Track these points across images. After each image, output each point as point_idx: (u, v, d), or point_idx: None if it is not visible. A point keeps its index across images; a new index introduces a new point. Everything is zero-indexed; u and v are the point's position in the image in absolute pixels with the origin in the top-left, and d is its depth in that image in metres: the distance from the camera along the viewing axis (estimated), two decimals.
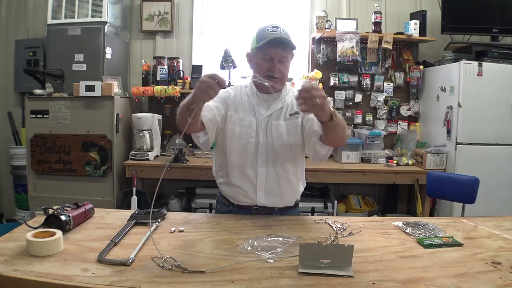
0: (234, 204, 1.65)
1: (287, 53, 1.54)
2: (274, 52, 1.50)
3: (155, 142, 3.25)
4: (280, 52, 1.51)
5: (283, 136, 1.58)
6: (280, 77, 1.56)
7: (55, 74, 3.12)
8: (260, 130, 1.58)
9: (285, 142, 1.58)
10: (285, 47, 1.51)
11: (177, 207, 3.36)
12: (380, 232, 1.40)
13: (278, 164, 1.59)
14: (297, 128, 1.60)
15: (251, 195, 1.59)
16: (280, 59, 1.53)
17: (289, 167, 1.61)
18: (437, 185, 2.45)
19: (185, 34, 3.67)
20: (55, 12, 3.17)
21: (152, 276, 1.00)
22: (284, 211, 1.65)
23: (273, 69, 1.52)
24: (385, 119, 3.62)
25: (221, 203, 1.71)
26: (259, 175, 1.58)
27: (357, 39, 3.35)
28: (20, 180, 3.44)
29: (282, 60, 1.53)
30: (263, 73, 1.53)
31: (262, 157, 1.58)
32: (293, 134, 1.59)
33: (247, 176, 1.58)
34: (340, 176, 3.09)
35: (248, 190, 1.59)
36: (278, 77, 1.54)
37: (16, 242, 1.18)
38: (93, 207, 1.51)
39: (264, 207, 1.61)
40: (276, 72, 1.53)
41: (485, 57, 3.06)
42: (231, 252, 1.18)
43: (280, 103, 1.61)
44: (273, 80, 1.54)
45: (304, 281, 1.00)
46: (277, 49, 1.50)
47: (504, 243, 1.30)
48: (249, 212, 1.61)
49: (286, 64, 1.56)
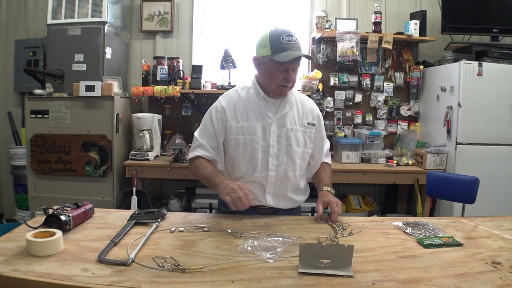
0: None
1: (299, 63, 1.56)
2: (290, 65, 1.51)
3: (155, 142, 3.25)
4: (296, 64, 1.53)
5: (300, 142, 1.60)
6: (291, 85, 1.57)
7: (55, 74, 3.12)
8: (270, 133, 1.57)
9: (302, 149, 1.61)
10: (299, 59, 1.53)
11: (177, 207, 3.36)
12: (380, 232, 1.39)
13: (290, 169, 1.59)
14: (311, 138, 1.65)
15: (260, 197, 1.60)
16: (294, 69, 1.54)
17: (299, 172, 1.63)
18: (437, 185, 2.45)
19: (185, 34, 3.67)
20: (55, 12, 3.17)
21: (152, 276, 1.00)
22: (289, 211, 1.68)
23: (288, 79, 1.53)
24: (385, 119, 3.62)
25: (224, 203, 1.69)
26: (269, 178, 1.58)
27: (357, 39, 3.35)
28: (20, 180, 3.45)
29: (295, 69, 1.55)
30: (276, 83, 1.54)
31: (273, 160, 1.58)
32: (308, 143, 1.63)
33: (256, 180, 1.59)
34: (340, 176, 3.09)
35: (257, 193, 1.59)
36: (288, 85, 1.56)
37: (16, 242, 1.18)
38: (93, 207, 1.51)
39: (271, 207, 1.62)
40: (290, 82, 1.55)
41: (485, 57, 3.06)
42: (231, 252, 1.18)
43: (288, 106, 1.62)
44: (285, 89, 1.57)
45: (304, 281, 1.00)
46: (294, 61, 1.51)
47: (504, 243, 1.30)
48: (255, 211, 1.61)
49: (297, 70, 1.58)
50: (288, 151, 1.58)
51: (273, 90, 1.57)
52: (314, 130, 1.66)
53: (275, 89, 1.56)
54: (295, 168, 1.61)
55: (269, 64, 1.53)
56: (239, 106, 1.61)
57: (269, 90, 1.59)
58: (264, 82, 1.59)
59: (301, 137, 1.61)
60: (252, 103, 1.61)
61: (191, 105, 3.58)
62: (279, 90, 1.56)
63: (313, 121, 1.66)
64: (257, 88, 1.62)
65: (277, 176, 1.58)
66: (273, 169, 1.58)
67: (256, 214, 1.59)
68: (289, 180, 1.61)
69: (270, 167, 1.57)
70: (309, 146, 1.64)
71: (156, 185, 3.68)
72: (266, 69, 1.55)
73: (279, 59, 1.46)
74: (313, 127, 1.65)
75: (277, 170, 1.58)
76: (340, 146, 3.27)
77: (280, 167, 1.58)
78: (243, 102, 1.61)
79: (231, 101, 1.63)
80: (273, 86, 1.56)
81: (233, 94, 1.66)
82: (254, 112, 1.59)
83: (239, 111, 1.60)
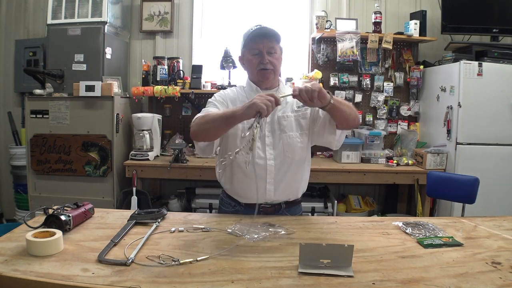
0: (241, 204, 1.64)
1: (274, 44, 1.57)
2: (261, 45, 1.54)
3: (155, 142, 3.25)
4: (267, 43, 1.55)
5: (292, 127, 1.59)
6: (272, 68, 1.58)
7: (55, 74, 3.12)
8: (265, 124, 1.56)
9: (295, 133, 1.59)
10: (270, 38, 1.55)
11: (177, 207, 3.36)
12: (380, 232, 1.39)
13: (288, 156, 1.58)
14: (306, 120, 1.62)
15: (261, 190, 1.57)
16: (269, 51, 1.56)
17: (297, 158, 1.61)
18: (437, 185, 2.45)
19: (185, 34, 3.67)
20: (55, 12, 3.17)
21: (152, 276, 1.00)
22: (290, 207, 1.66)
23: (263, 60, 1.55)
24: (385, 119, 3.62)
25: (226, 203, 1.70)
26: (268, 168, 1.57)
27: (357, 39, 3.35)
28: (20, 180, 3.45)
29: (271, 51, 1.56)
30: (255, 68, 1.58)
31: (270, 149, 1.58)
32: (303, 125, 1.61)
33: (255, 171, 1.56)
34: (340, 176, 3.09)
35: (258, 185, 1.56)
36: (269, 68, 1.57)
37: (16, 242, 1.19)
38: (93, 207, 1.51)
39: (272, 205, 1.61)
40: (266, 63, 1.55)
41: (485, 57, 3.06)
42: (231, 252, 1.18)
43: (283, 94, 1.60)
44: (266, 72, 1.57)
45: (304, 281, 1.00)
46: (263, 40, 1.54)
47: (504, 243, 1.30)
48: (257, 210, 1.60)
49: (276, 55, 1.58)
50: (282, 138, 1.58)
51: (257, 78, 1.61)
52: (308, 111, 1.62)
53: (257, 76, 1.60)
54: (294, 152, 1.59)
55: (245, 54, 1.61)
56: (236, 100, 1.64)
57: (255, 80, 1.63)
58: (249, 74, 1.65)
59: (293, 121, 1.60)
60: (247, 97, 1.62)
61: (191, 105, 3.58)
62: (261, 75, 1.59)
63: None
64: (250, 84, 1.66)
65: (276, 164, 1.57)
66: (271, 158, 1.57)
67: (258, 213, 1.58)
68: (289, 167, 1.59)
69: (268, 156, 1.57)
70: (303, 127, 1.61)
71: (156, 185, 3.68)
72: (245, 60, 1.62)
73: (247, 42, 1.56)
74: (305, 107, 1.62)
75: (275, 158, 1.57)
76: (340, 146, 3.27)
77: (278, 156, 1.58)
78: (238, 97, 1.65)
79: (227, 95, 1.67)
80: (255, 74, 1.60)
81: (228, 91, 1.71)
82: None
83: (234, 104, 1.62)
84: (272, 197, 1.60)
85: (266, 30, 1.54)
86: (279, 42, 1.59)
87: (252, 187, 1.56)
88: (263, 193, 1.58)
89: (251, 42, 1.56)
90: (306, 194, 3.38)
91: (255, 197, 1.58)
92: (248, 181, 1.57)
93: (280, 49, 1.62)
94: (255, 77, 1.62)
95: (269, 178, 1.58)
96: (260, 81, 1.62)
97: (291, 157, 1.59)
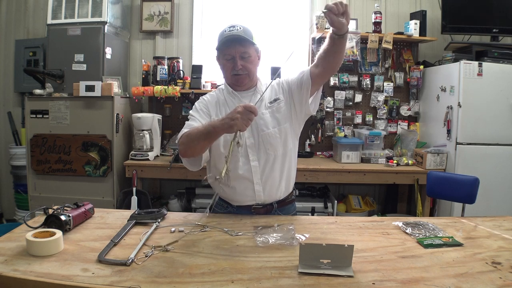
0: (233, 206, 1.65)
1: (247, 49, 1.55)
2: (233, 50, 1.53)
3: (155, 142, 3.25)
4: (239, 48, 1.53)
5: (268, 124, 1.58)
6: (246, 73, 1.57)
7: (55, 74, 3.12)
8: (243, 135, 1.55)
9: (272, 130, 1.57)
10: (242, 43, 1.53)
11: (177, 207, 3.36)
12: (380, 232, 1.40)
13: (271, 154, 1.58)
14: (282, 113, 1.60)
15: (249, 192, 1.58)
16: (242, 55, 1.54)
17: (280, 153, 1.60)
18: (437, 185, 2.45)
19: (185, 34, 3.67)
20: (55, 12, 3.17)
21: (152, 276, 1.00)
22: (283, 206, 1.66)
23: (235, 66, 1.55)
24: (385, 119, 3.62)
25: (218, 205, 1.70)
26: (253, 169, 1.57)
27: (357, 39, 3.35)
28: (20, 180, 3.45)
29: (244, 56, 1.55)
30: (229, 73, 1.58)
31: (252, 151, 1.57)
32: (280, 119, 1.59)
33: (242, 174, 1.57)
34: (340, 176, 3.09)
35: (247, 188, 1.58)
36: (242, 74, 1.56)
37: (16, 242, 1.19)
38: (93, 207, 1.51)
39: (263, 205, 1.61)
40: (238, 68, 1.55)
41: (485, 57, 3.06)
42: (231, 252, 1.18)
43: (259, 95, 1.59)
44: (240, 77, 1.57)
45: (304, 281, 1.00)
46: (236, 46, 1.52)
47: (504, 243, 1.30)
48: (248, 212, 1.60)
49: (250, 59, 1.57)
50: (261, 136, 1.57)
51: (231, 82, 1.61)
52: (282, 103, 1.60)
53: (231, 80, 1.60)
54: (275, 149, 1.58)
55: (219, 57, 1.60)
56: (216, 105, 1.64)
57: (230, 83, 1.63)
58: (224, 77, 1.65)
59: (269, 118, 1.59)
60: (226, 100, 1.63)
61: (191, 105, 3.57)
62: (235, 80, 1.59)
63: (276, 96, 1.62)
64: (227, 87, 1.66)
65: (261, 164, 1.57)
66: (255, 159, 1.57)
67: (250, 214, 1.59)
68: (273, 164, 1.58)
69: (251, 158, 1.57)
70: (280, 122, 1.59)
71: (156, 185, 3.68)
72: (220, 63, 1.61)
73: (220, 45, 1.54)
74: (278, 101, 1.61)
75: (259, 159, 1.57)
76: (340, 146, 3.27)
77: (261, 155, 1.57)
78: (219, 101, 1.65)
79: (208, 101, 1.66)
80: (229, 77, 1.60)
81: (207, 96, 1.70)
82: (228, 108, 1.60)
83: (216, 108, 1.63)
84: (262, 197, 1.60)
85: (236, 36, 1.51)
86: (254, 44, 1.56)
87: (241, 191, 1.58)
88: (252, 194, 1.59)
89: (224, 46, 1.54)
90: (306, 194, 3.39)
91: (245, 199, 1.60)
92: (237, 185, 1.58)
93: (256, 50, 1.59)
94: (229, 80, 1.62)
95: (256, 179, 1.58)
96: (235, 85, 1.62)
97: (273, 154, 1.58)
